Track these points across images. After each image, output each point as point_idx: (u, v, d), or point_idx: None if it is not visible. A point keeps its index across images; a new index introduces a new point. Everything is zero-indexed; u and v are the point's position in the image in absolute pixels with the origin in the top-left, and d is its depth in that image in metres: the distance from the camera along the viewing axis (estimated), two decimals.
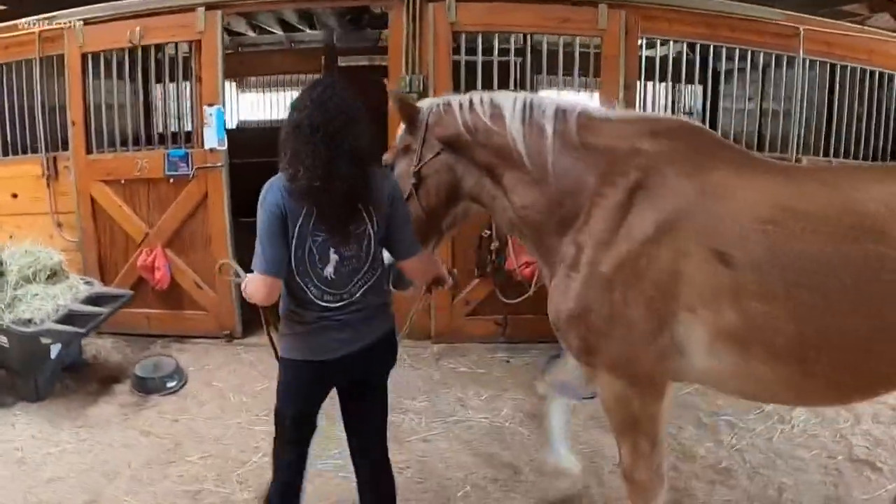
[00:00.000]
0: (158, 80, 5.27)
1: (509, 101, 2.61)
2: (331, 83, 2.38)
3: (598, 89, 5.19)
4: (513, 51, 5.22)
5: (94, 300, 4.65)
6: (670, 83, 5.64)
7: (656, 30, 5.12)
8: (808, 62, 5.26)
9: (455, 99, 2.70)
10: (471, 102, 2.65)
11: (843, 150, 5.58)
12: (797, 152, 5.44)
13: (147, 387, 4.62)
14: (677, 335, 2.33)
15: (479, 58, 5.12)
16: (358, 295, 2.45)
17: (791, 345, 2.22)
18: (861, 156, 5.65)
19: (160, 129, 5.38)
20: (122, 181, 5.25)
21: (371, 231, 2.42)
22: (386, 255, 2.55)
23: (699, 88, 7.13)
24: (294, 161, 2.28)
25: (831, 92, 5.43)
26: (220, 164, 5.14)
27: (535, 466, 3.72)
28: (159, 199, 5.26)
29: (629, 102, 5.11)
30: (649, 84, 6.42)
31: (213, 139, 5.08)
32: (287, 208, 2.31)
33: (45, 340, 4.31)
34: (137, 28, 4.95)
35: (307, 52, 9.18)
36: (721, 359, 2.32)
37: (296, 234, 2.33)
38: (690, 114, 8.20)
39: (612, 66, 5.03)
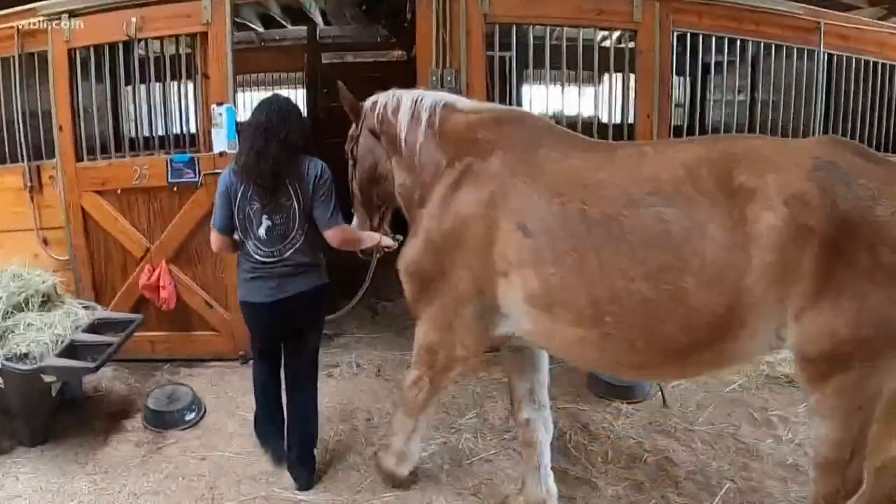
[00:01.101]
0: (158, 78, 4.71)
1: (407, 97, 3.01)
2: (276, 96, 3.28)
3: (635, 84, 4.97)
4: (548, 45, 4.88)
5: (97, 328, 4.11)
6: None
7: (686, 23, 4.92)
8: (813, 53, 5.22)
9: (382, 96, 3.11)
10: (386, 100, 3.07)
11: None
12: None
13: (164, 421, 4.11)
14: (496, 298, 2.62)
15: (514, 52, 4.95)
16: (287, 254, 3.21)
17: (587, 308, 2.39)
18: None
19: (161, 133, 4.81)
20: (119, 191, 4.69)
21: (296, 205, 3.16)
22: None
23: (686, 81, 7.04)
24: (241, 148, 3.24)
25: (839, 83, 5.40)
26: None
27: (611, 480, 3.53)
28: (162, 210, 4.73)
29: (663, 97, 4.95)
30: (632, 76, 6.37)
31: (222, 142, 4.58)
32: (232, 184, 3.20)
33: (47, 378, 3.76)
34: (134, 19, 4.41)
35: (289, 49, 8.68)
36: (535, 321, 2.55)
37: (237, 203, 3.19)
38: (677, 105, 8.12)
39: (646, 61, 4.84)
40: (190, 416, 4.18)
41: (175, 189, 4.67)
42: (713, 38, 5.07)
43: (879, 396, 2.23)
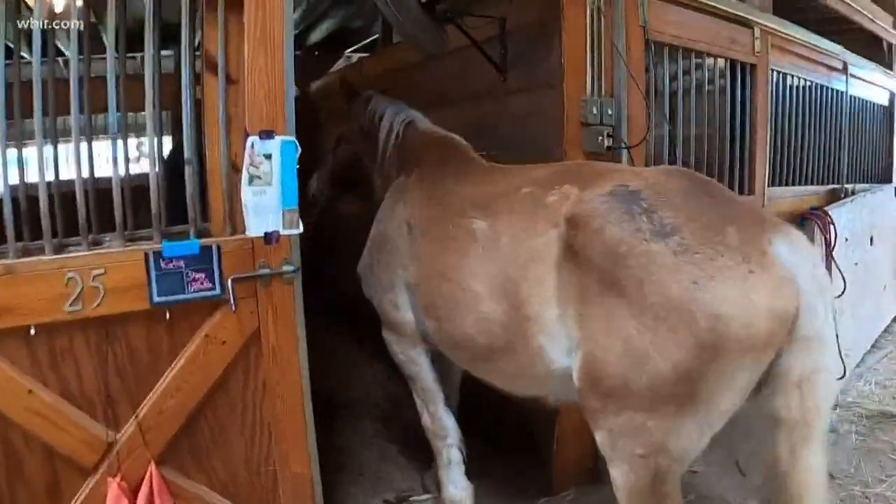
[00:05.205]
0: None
1: (390, 108, 3.31)
2: None
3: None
4: (707, 76, 3.88)
5: None
6: None
7: None
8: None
9: (375, 97, 3.43)
10: (378, 102, 3.38)
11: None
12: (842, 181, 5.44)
13: None
14: (400, 290, 2.83)
15: (667, 78, 3.56)
16: None
17: (429, 299, 2.63)
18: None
19: (123, 184, 2.28)
20: (31, 330, 2.11)
21: None
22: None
23: None
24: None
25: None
26: (291, 267, 2.31)
27: None
28: (134, 363, 2.24)
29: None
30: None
31: (270, 212, 2.24)
32: None
33: None
34: None
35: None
36: (414, 308, 2.80)
37: None
38: None
39: (762, 98, 4.18)
40: None
41: (168, 317, 2.22)
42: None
43: (665, 451, 2.01)
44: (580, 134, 3.07)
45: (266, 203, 2.23)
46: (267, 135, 2.20)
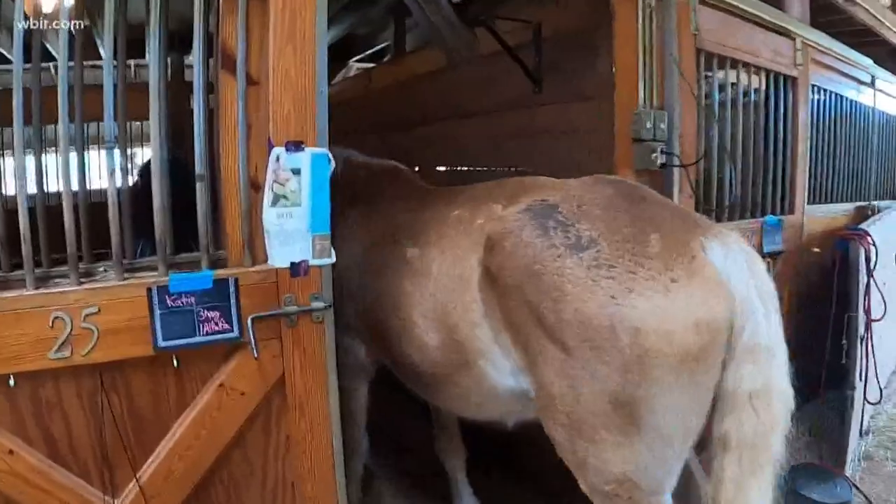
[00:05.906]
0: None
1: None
2: None
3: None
4: (752, 89, 3.62)
5: None
6: None
7: None
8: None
9: None
10: None
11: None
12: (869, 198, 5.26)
13: None
14: (354, 325, 2.70)
15: (716, 89, 3.25)
16: None
17: (368, 330, 2.62)
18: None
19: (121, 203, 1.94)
20: (10, 380, 1.74)
21: None
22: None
23: None
24: None
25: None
26: (321, 304, 1.97)
27: None
28: (135, 417, 1.89)
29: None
30: None
31: (299, 241, 1.91)
32: None
33: None
34: None
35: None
36: (361, 339, 2.74)
37: None
38: None
39: (802, 115, 3.87)
40: None
41: (176, 363, 1.87)
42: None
43: (632, 484, 1.85)
44: (631, 150, 2.77)
45: (293, 227, 1.89)
46: (295, 146, 1.86)
